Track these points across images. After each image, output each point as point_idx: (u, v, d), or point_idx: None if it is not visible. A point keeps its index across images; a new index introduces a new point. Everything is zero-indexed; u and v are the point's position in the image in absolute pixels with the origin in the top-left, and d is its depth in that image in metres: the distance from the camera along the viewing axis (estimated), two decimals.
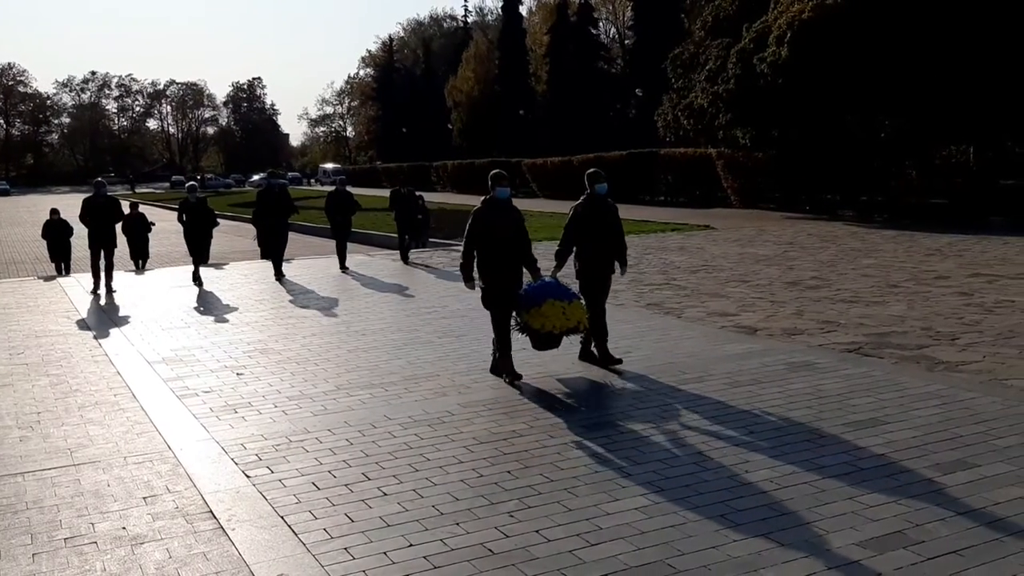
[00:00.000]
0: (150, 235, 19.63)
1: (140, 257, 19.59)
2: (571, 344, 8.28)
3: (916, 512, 4.74)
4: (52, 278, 17.57)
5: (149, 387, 8.12)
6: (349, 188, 18.63)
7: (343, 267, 16.76)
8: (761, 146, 27.53)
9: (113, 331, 11.18)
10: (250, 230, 21.76)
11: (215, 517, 5.01)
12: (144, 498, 5.35)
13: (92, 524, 4.99)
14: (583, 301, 8.01)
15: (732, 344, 9.16)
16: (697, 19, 35.13)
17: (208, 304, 13.19)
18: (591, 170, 8.68)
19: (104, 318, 12.23)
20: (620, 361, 8.28)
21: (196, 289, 14.96)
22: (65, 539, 4.79)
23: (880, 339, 9.18)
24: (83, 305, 13.49)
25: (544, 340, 7.81)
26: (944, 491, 5.02)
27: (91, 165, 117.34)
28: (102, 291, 14.67)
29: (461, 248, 8.04)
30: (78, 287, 15.65)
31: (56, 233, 19.04)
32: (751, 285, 13.23)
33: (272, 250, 16.09)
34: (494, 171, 8.06)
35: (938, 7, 21.46)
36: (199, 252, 16.08)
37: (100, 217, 14.75)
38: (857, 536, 4.48)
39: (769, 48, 24.21)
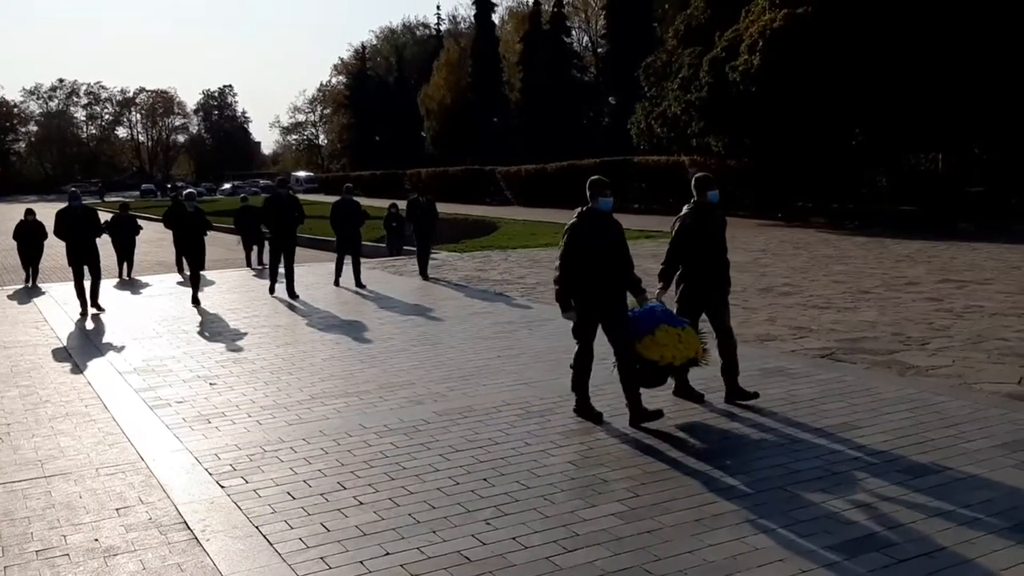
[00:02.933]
0: (137, 238, 19.03)
1: (126, 260, 18.71)
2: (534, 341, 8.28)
3: (888, 515, 4.80)
4: (29, 290, 16.82)
5: (121, 398, 8.04)
6: (354, 198, 16.71)
7: (359, 284, 15.26)
8: (734, 154, 27.77)
9: (84, 341, 11.05)
10: (223, 239, 21.56)
11: (189, 528, 4.97)
12: (117, 509, 5.30)
13: (64, 536, 4.93)
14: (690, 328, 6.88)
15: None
16: (669, 28, 35.41)
17: (181, 314, 13.08)
18: (700, 174, 7.43)
19: (75, 328, 12.08)
20: (755, 395, 7.04)
21: (168, 299, 14.83)
22: (37, 551, 4.73)
23: (852, 344, 9.27)
24: (53, 315, 13.32)
25: (659, 374, 6.75)
26: (916, 494, 5.08)
27: (59, 174, 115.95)
28: (91, 309, 13.23)
29: (556, 268, 6.69)
30: (46, 298, 15.45)
31: (29, 236, 17.96)
32: None
33: (286, 265, 14.33)
34: (594, 177, 6.77)
35: (905, 19, 21.76)
36: (195, 267, 14.20)
37: (78, 230, 13.22)
38: (831, 539, 4.52)
39: (741, 57, 24.45)
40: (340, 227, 15.99)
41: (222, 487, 5.59)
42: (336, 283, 15.58)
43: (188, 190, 16.92)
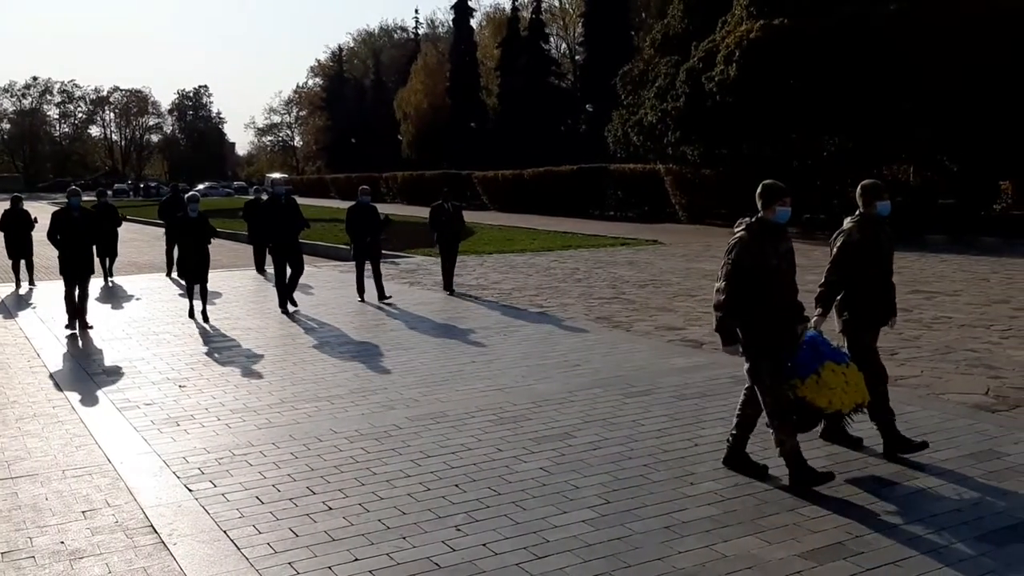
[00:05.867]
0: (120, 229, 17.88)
1: (108, 255, 17.27)
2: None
3: (856, 524, 4.84)
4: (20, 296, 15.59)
5: (89, 399, 7.94)
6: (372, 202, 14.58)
7: (383, 296, 13.74)
8: (709, 163, 27.93)
9: (52, 342, 10.91)
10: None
11: (156, 532, 4.92)
12: (83, 512, 5.23)
13: (30, 538, 4.86)
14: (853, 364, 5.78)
15: (679, 358, 9.26)
16: (647, 36, 35.60)
17: (151, 315, 12.95)
18: (868, 181, 6.31)
19: (43, 328, 11.92)
20: (924, 446, 5.93)
21: (138, 300, 14.68)
22: (2, 553, 4.66)
23: None
24: (22, 314, 13.15)
25: (817, 419, 5.71)
26: (884, 503, 5.12)
27: (31, 172, 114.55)
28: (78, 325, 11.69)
29: (719, 291, 5.50)
30: (18, 300, 15.26)
31: (16, 224, 16.39)
32: (698, 299, 13.39)
33: (293, 275, 13.08)
34: (769, 182, 5.68)
35: (879, 33, 22.01)
36: (197, 278, 12.39)
37: (75, 236, 11.55)
38: (799, 547, 4.55)
39: (717, 67, 24.61)
40: (358, 234, 14.13)
41: (190, 491, 5.54)
42: (361, 298, 13.87)
43: (190, 192, 15.05)
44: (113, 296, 15.20)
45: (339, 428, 6.83)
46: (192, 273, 12.37)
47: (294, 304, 13.06)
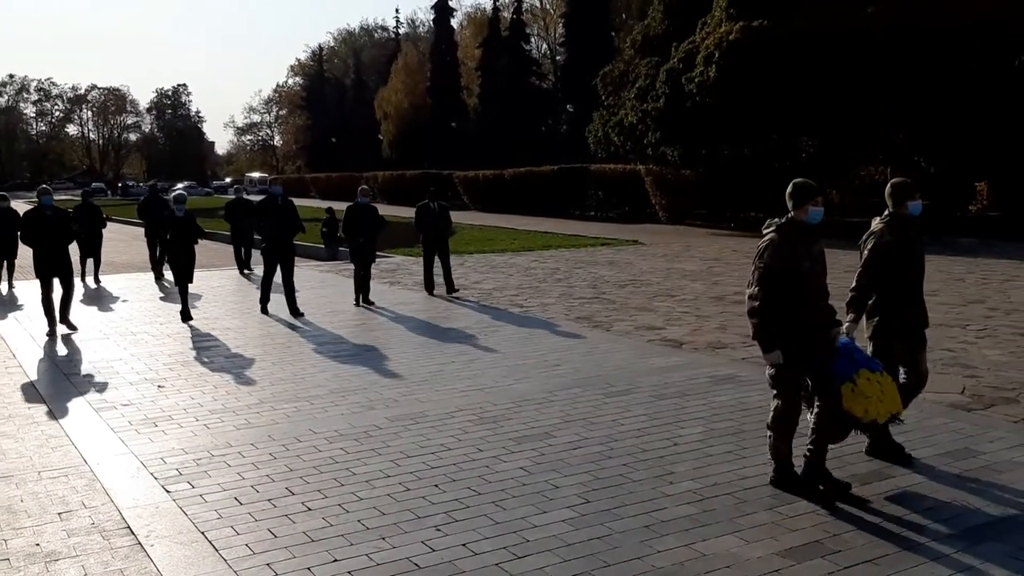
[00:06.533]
0: (104, 231, 17.01)
1: (91, 256, 16.77)
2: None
3: (833, 522, 4.87)
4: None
5: (65, 399, 7.87)
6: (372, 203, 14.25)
7: (367, 301, 13.43)
8: (689, 164, 28.05)
9: (28, 341, 10.80)
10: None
11: (133, 533, 4.88)
12: (59, 514, 5.18)
13: (5, 540, 4.81)
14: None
15: (658, 357, 9.29)
16: (627, 37, 35.68)
17: (129, 315, 12.85)
18: (897, 180, 6.12)
19: (18, 327, 11.80)
20: (909, 462, 5.80)
21: (118, 298, 14.56)
22: None
23: None
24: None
25: (849, 429, 5.49)
26: (860, 501, 5.16)
27: (8, 172, 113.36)
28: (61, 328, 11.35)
29: (752, 297, 5.24)
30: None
31: (2, 224, 15.36)
32: (678, 300, 13.44)
33: (284, 278, 12.58)
34: (800, 180, 5.32)
35: (854, 35, 22.17)
36: (183, 280, 12.22)
37: (48, 235, 11.22)
38: (777, 546, 4.58)
39: (697, 68, 24.71)
40: (355, 236, 13.63)
41: (167, 492, 5.50)
42: (357, 302, 13.43)
43: (177, 191, 14.07)
44: (92, 296, 15.06)
45: (318, 428, 6.80)
46: (180, 274, 12.13)
47: (299, 313, 12.34)
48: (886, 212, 5.94)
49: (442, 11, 73.37)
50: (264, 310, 12.67)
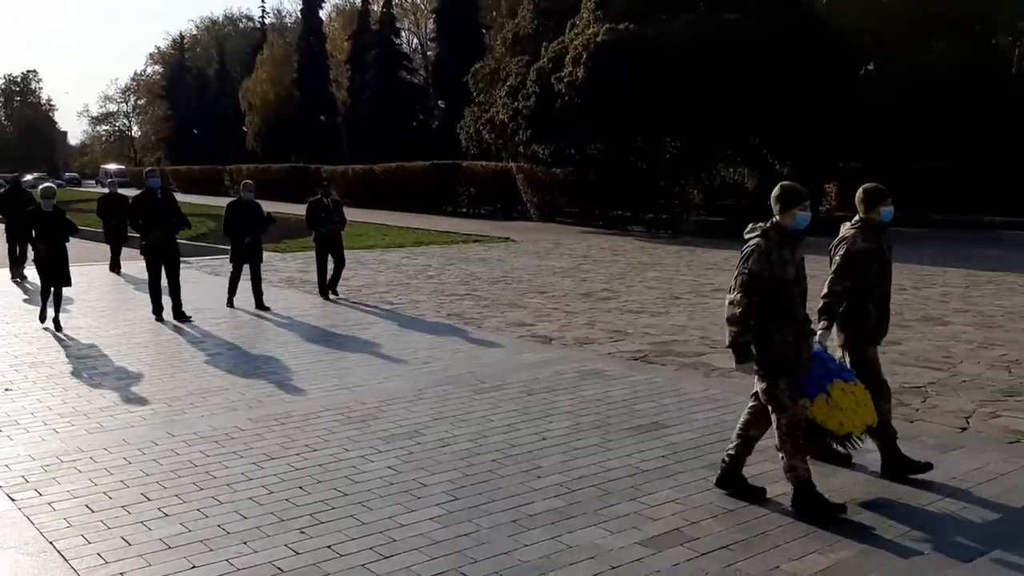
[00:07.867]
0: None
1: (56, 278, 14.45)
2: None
3: (692, 510, 5.04)
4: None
5: None
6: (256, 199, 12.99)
7: (261, 306, 12.37)
8: (559, 162, 28.50)
9: None
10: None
11: None
12: None
13: None
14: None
15: (529, 353, 9.39)
16: (498, 35, 35.89)
17: None
18: (869, 185, 5.78)
19: None
20: (928, 467, 5.55)
21: None
22: None
23: (663, 347, 9.69)
24: None
25: (824, 442, 5.35)
26: (718, 490, 5.35)
27: None
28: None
29: (733, 304, 5.05)
30: None
31: None
32: (548, 296, 13.62)
33: (172, 279, 11.56)
34: (786, 184, 5.16)
35: (712, 41, 23.00)
36: (57, 283, 10.98)
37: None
38: (639, 535, 4.70)
39: (566, 68, 25.09)
40: (238, 234, 12.66)
41: (13, 500, 5.20)
42: (229, 303, 12.62)
43: (45, 184, 12.40)
44: None
45: (176, 431, 6.55)
46: (50, 275, 10.86)
47: (186, 318, 11.44)
48: (856, 218, 5.75)
49: (310, 2, 71.88)
50: (158, 315, 11.50)
